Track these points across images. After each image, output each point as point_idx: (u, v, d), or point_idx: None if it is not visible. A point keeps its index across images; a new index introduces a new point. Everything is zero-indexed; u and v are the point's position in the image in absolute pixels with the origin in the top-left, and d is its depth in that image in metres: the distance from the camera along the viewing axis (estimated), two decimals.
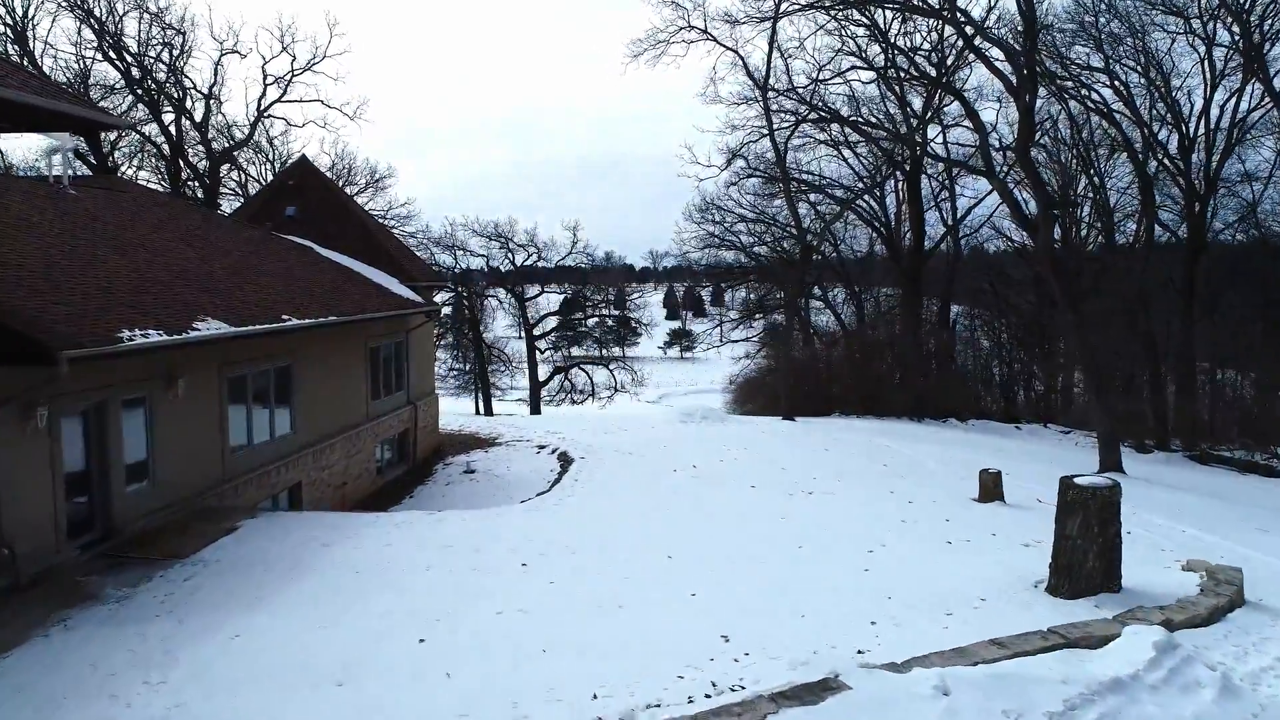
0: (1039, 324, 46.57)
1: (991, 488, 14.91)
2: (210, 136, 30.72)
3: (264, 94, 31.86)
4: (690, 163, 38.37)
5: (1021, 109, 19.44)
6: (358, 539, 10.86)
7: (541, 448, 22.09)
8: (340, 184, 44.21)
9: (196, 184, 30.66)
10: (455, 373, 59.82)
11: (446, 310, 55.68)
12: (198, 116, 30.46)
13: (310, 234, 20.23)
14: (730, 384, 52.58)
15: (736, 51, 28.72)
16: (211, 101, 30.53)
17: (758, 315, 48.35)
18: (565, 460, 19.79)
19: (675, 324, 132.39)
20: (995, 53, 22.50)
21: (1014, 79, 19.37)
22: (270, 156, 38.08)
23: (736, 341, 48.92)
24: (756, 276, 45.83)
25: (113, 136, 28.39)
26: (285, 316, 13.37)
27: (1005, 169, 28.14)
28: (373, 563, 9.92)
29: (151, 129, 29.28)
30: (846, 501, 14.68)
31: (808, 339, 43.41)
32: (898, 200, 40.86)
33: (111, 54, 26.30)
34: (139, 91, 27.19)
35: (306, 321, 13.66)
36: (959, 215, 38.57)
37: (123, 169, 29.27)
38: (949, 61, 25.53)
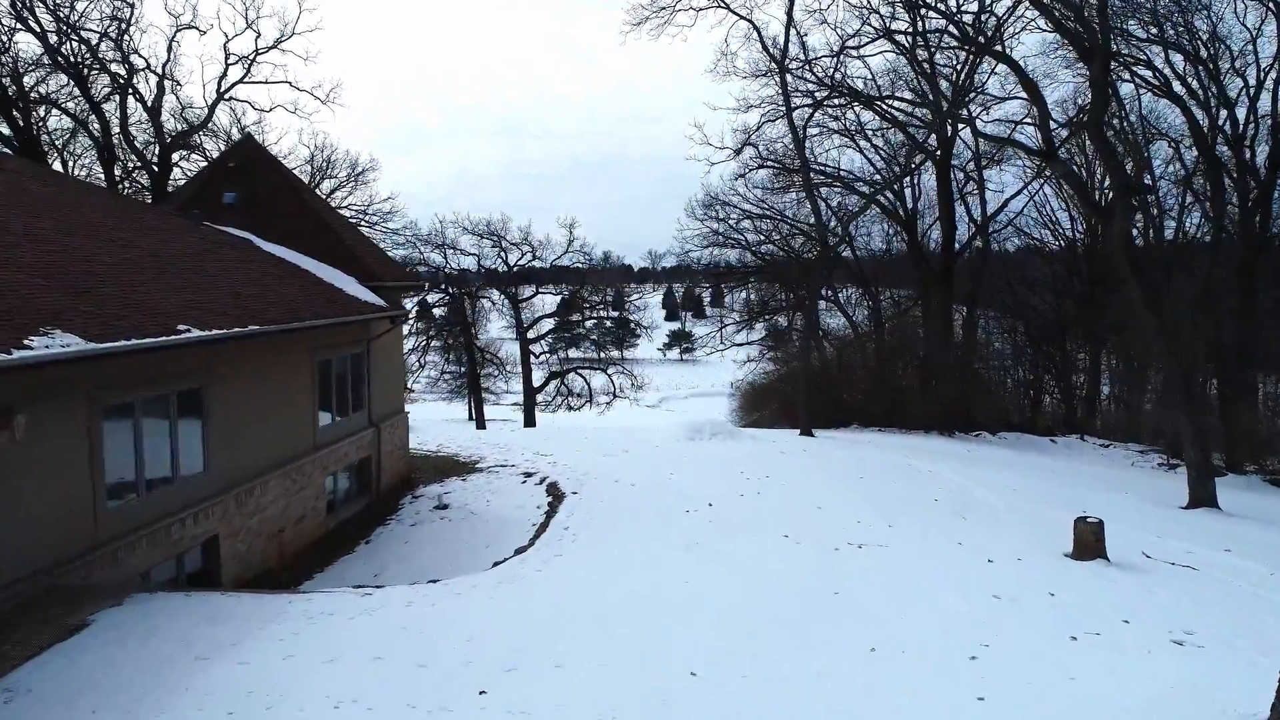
0: (1061, 327, 43.61)
1: (1092, 543, 11.79)
2: (163, 120, 27.47)
3: (225, 74, 28.60)
4: (701, 143, 34.76)
5: (1095, 77, 16.33)
6: (250, 645, 7.69)
7: (528, 475, 18.93)
8: (319, 177, 41.12)
9: (143, 172, 27.42)
10: (447, 377, 56.62)
11: (439, 311, 52.57)
12: (149, 98, 27.21)
13: (254, 224, 17.07)
14: (736, 390, 49.58)
15: (750, 21, 25.64)
16: (166, 82, 27.30)
17: (764, 317, 45.29)
18: (555, 494, 16.65)
19: (674, 325, 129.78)
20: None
21: (1086, 41, 16.27)
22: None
23: (740, 345, 45.85)
24: (765, 276, 42.74)
25: (41, 112, 25.10)
26: (183, 327, 10.21)
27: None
28: (261, 692, 6.77)
29: (104, 112, 25.95)
30: (909, 560, 11.56)
31: (818, 342, 40.32)
32: (915, 195, 37.84)
33: (29, 18, 23.00)
34: (59, 59, 23.70)
35: (211, 333, 10.50)
36: (987, 211, 35.42)
37: (57, 156, 26.06)
38: (996, 25, 22.14)
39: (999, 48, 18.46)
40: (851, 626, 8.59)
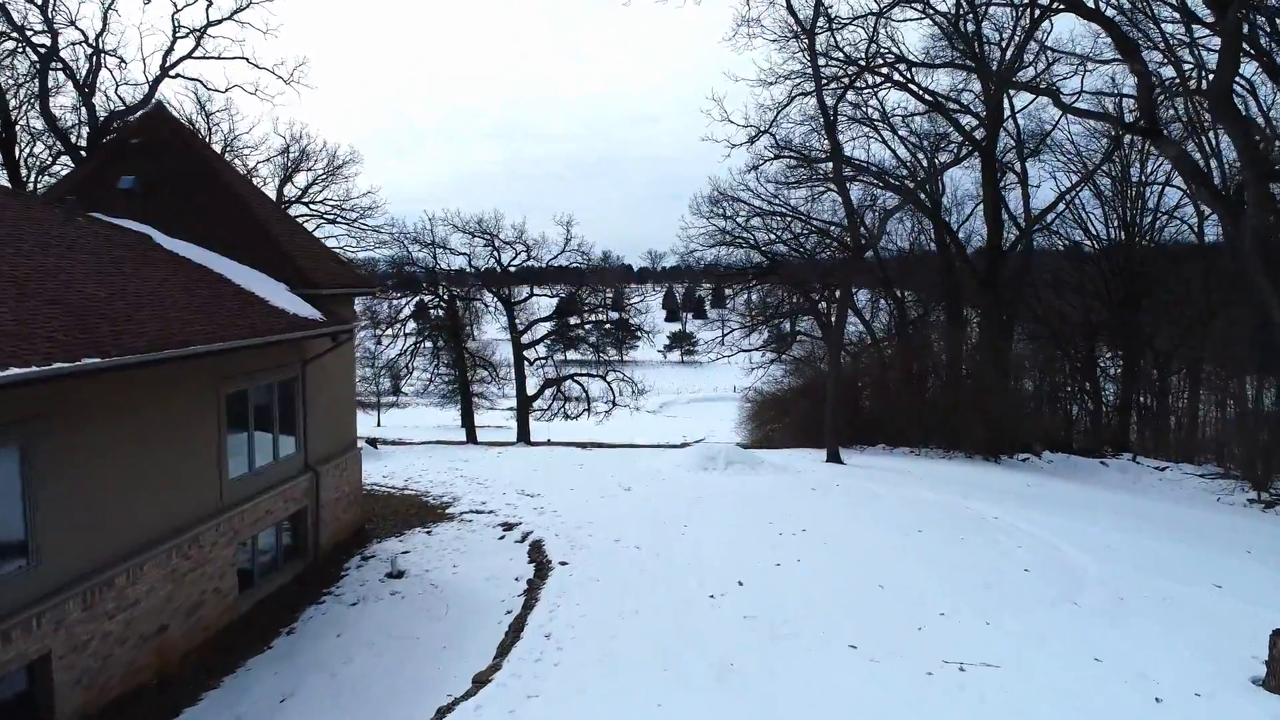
0: (1090, 335, 40.25)
1: None
2: (95, 100, 23.85)
3: (172, 47, 25.03)
4: (720, 120, 30.79)
5: (1227, 31, 12.88)
6: None
7: (508, 528, 15.37)
8: (292, 170, 37.54)
9: (68, 158, 23.81)
10: (438, 381, 53.03)
11: (434, 313, 48.93)
12: (81, 74, 23.61)
13: (159, 216, 13.49)
14: (745, 400, 46.05)
15: None
16: (101, 55, 23.74)
17: (775, 321, 41.83)
18: (539, 561, 13.05)
19: (675, 326, 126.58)
20: None
21: None
22: (205, 129, 31.29)
23: (747, 350, 42.37)
24: (778, 277, 39.20)
25: None
26: None
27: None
28: None
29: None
30: (1040, 700, 7.97)
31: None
32: (939, 191, 34.31)
33: None
34: None
35: (4, 374, 6.91)
36: (1031, 208, 31.76)
37: None
38: None
39: (1089, 3, 14.90)
40: None
